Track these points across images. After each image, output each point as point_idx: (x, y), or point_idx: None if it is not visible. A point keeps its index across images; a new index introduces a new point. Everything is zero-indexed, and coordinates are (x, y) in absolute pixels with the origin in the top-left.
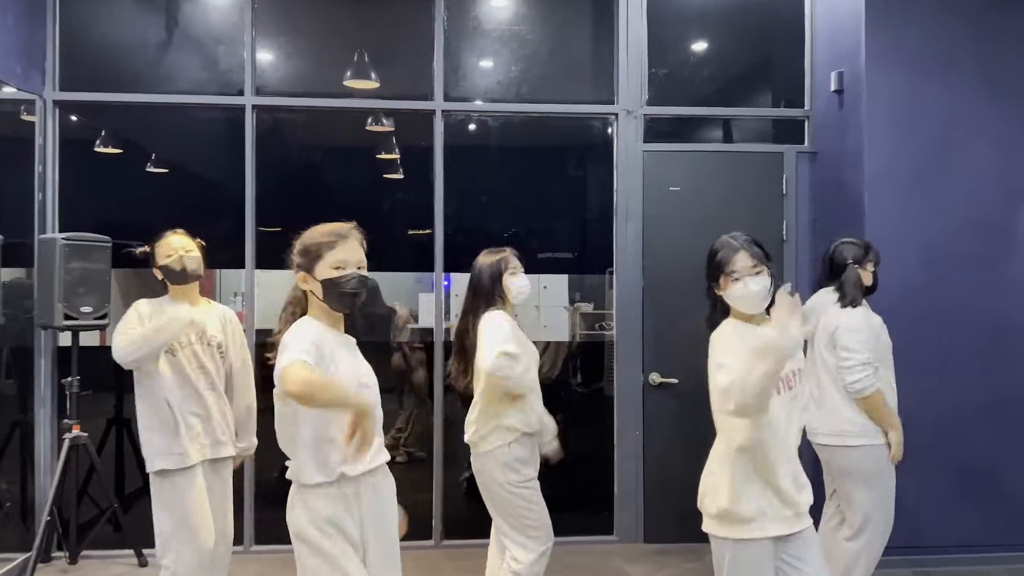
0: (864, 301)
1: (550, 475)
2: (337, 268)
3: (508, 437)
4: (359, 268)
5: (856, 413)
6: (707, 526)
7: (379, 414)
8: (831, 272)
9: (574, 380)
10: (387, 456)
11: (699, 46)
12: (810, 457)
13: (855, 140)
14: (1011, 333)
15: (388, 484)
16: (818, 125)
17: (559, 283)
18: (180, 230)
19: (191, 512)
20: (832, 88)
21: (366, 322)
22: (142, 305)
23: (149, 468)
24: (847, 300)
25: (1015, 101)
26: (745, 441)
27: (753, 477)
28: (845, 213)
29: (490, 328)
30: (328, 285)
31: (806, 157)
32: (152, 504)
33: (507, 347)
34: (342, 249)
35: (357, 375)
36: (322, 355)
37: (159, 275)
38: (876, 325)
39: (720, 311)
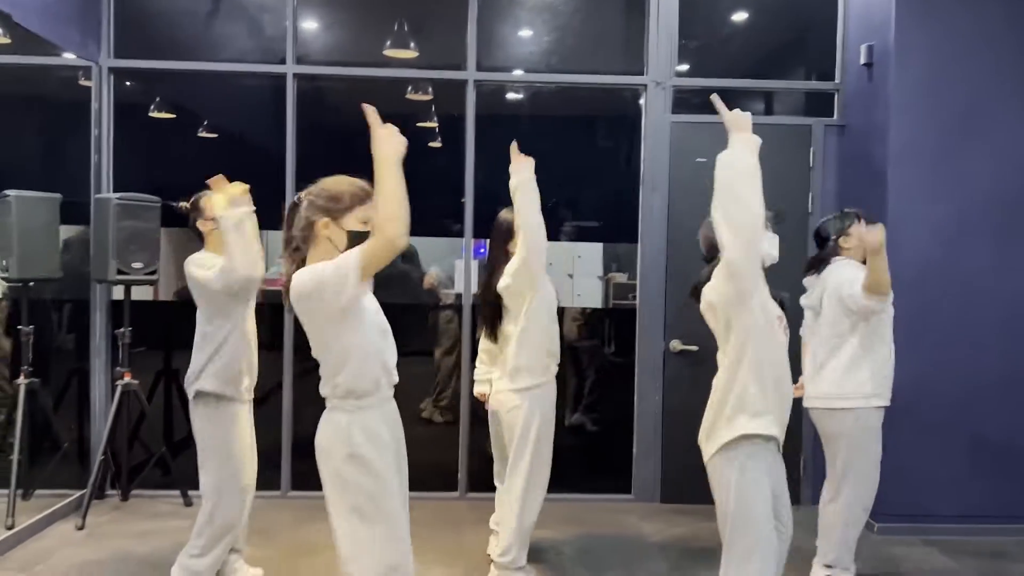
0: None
1: (573, 437)
2: (364, 223)
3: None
4: None
5: (847, 379)
6: (714, 445)
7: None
8: (819, 248)
9: (606, 348)
10: None
11: (730, 18)
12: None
13: (882, 114)
14: None
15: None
16: (847, 98)
17: (594, 252)
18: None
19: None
20: (862, 61)
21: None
22: (204, 257)
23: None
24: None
25: None
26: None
27: (768, 386)
28: (869, 186)
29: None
30: (355, 237)
31: (834, 130)
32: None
33: None
34: (370, 207)
35: (375, 306)
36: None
37: (206, 228)
38: None
39: None
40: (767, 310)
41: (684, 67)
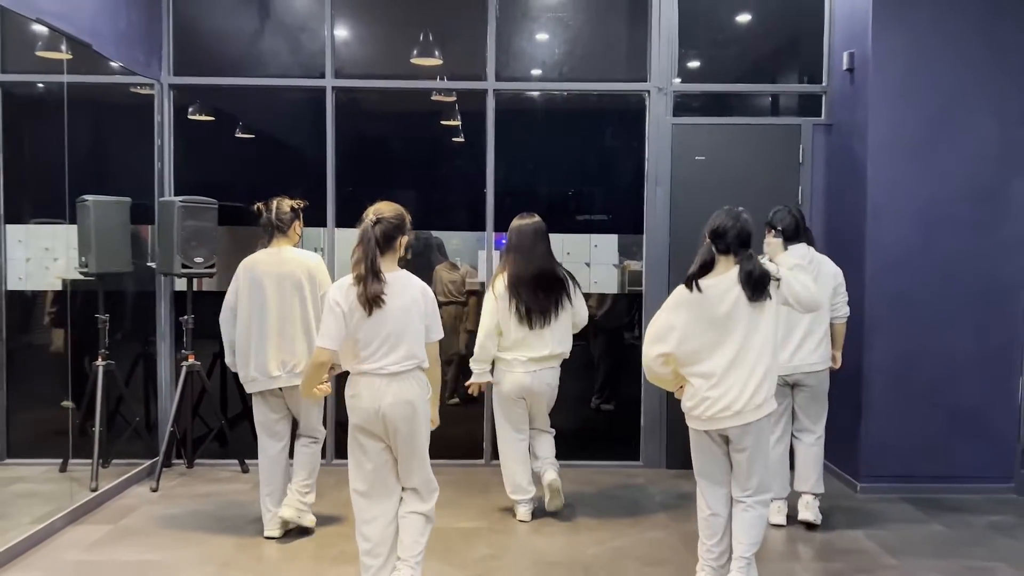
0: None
1: (586, 411)
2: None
3: None
4: None
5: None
6: (768, 408)
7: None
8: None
9: (626, 331)
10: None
11: (726, 28)
12: None
13: (862, 114)
14: (1000, 291)
15: None
16: (833, 100)
17: (609, 242)
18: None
19: None
20: (844, 67)
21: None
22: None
23: None
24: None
25: (1015, 77)
26: None
27: None
28: (852, 180)
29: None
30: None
31: (822, 129)
32: None
33: None
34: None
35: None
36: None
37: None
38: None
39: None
40: None
41: (684, 73)
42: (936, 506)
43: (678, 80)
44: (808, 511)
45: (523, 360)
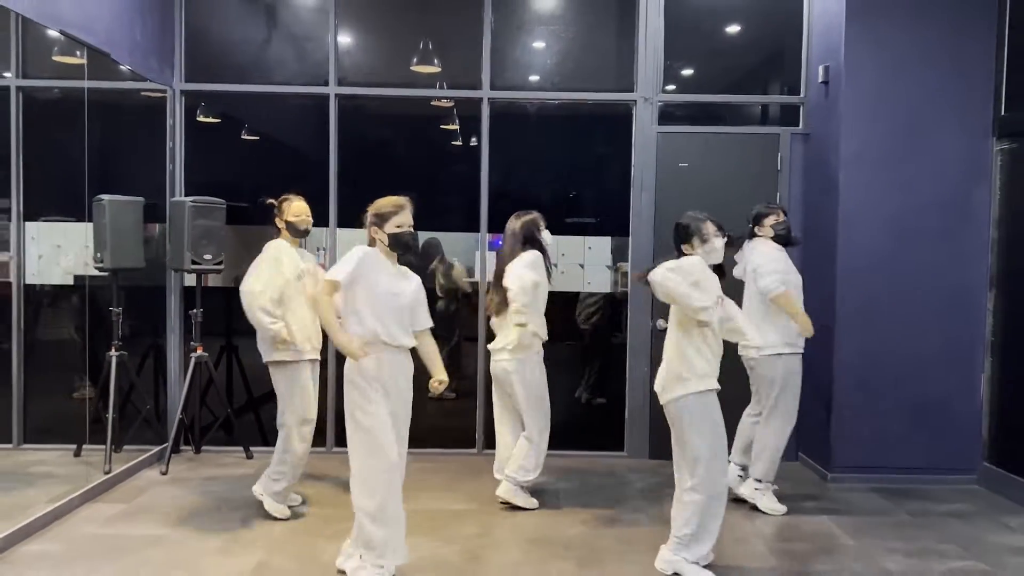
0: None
1: (575, 402)
2: (399, 227)
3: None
4: (410, 227)
5: (774, 330)
6: (670, 394)
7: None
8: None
9: (609, 328)
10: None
11: (710, 41)
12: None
13: (835, 125)
14: (963, 294)
15: None
16: (810, 111)
17: (603, 244)
18: (301, 196)
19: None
20: (820, 79)
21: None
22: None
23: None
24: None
25: (978, 93)
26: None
27: (704, 349)
28: (826, 188)
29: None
30: (393, 236)
31: (800, 138)
32: None
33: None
34: (402, 215)
35: (390, 289)
36: (362, 274)
37: (284, 225)
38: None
39: None
40: None
41: (669, 84)
42: (902, 495)
43: (668, 89)
44: (744, 487)
45: (494, 348)
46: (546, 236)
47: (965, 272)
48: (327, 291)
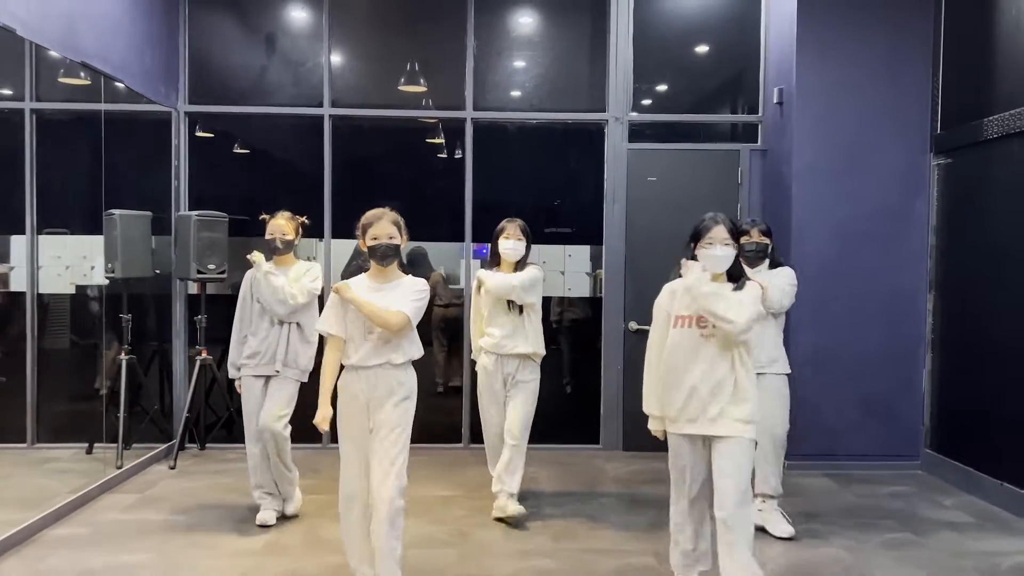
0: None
1: (554, 399)
2: (374, 239)
3: None
4: (389, 238)
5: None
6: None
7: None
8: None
9: (586, 328)
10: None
11: (676, 65)
12: None
13: (789, 142)
14: (905, 296)
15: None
16: (767, 128)
17: (582, 253)
18: (285, 213)
19: None
20: (775, 100)
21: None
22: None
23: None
24: None
25: (915, 112)
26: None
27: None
28: (781, 200)
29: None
30: (369, 249)
31: (758, 154)
32: None
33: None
34: (376, 228)
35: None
36: (341, 312)
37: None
38: None
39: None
40: None
41: (638, 105)
42: (851, 479)
43: (639, 108)
44: None
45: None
46: (502, 244)
47: (907, 275)
48: (331, 348)
